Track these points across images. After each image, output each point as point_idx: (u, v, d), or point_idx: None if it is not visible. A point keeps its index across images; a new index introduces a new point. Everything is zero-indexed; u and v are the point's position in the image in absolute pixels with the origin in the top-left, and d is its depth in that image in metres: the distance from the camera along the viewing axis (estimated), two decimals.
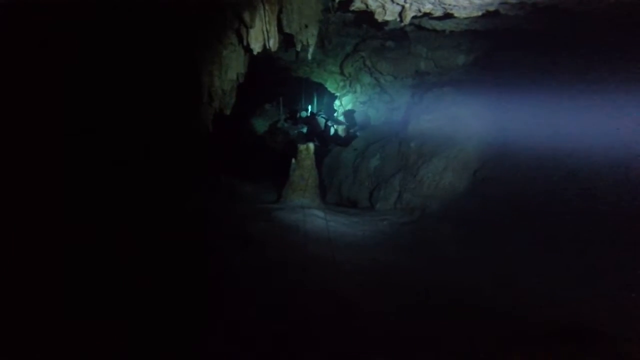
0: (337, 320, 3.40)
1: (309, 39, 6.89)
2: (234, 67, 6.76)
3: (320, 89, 16.40)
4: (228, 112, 8.16)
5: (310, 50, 7.15)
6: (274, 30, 5.65)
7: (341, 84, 13.59)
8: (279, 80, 16.83)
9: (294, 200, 7.60)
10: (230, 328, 3.17)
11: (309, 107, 15.68)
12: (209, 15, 5.69)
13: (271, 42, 5.49)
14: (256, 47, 5.62)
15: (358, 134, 13.82)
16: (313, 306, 3.56)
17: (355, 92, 12.33)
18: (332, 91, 14.47)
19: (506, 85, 7.53)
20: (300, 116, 15.35)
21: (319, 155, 11.94)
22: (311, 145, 7.69)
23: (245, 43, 5.73)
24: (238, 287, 3.86)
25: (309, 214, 6.84)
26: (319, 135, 13.74)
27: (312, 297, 3.70)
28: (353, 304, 3.70)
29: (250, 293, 3.75)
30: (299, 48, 7.13)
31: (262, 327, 3.21)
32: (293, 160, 7.70)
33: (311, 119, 14.88)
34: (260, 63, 13.48)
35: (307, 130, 14.50)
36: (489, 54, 7.82)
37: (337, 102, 13.64)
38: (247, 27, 5.49)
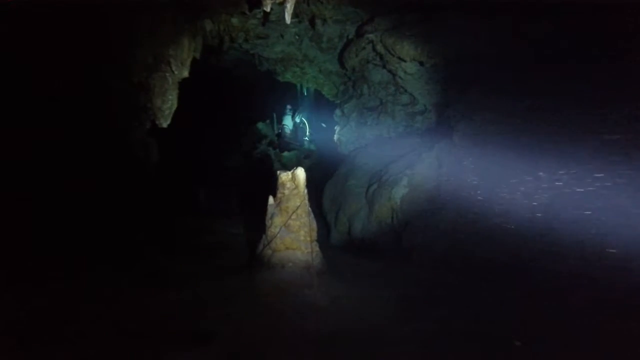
0: None
1: None
2: (147, 41, 3.72)
3: (318, 99, 13.52)
4: (164, 123, 5.09)
5: (289, 7, 4.12)
6: None
7: (342, 87, 10.51)
8: (268, 93, 14.15)
9: (275, 264, 4.41)
10: None
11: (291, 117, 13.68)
12: None
13: None
14: None
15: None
16: None
17: (361, 95, 9.23)
18: (331, 98, 11.42)
19: None
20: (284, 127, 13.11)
21: (317, 178, 8.82)
22: (300, 173, 4.51)
23: None
24: None
25: (297, 302, 3.67)
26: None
27: None
28: None
29: None
30: (267, 7, 4.11)
31: None
32: (270, 200, 4.55)
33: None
34: (239, 64, 10.65)
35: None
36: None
37: (337, 112, 10.44)
38: None
